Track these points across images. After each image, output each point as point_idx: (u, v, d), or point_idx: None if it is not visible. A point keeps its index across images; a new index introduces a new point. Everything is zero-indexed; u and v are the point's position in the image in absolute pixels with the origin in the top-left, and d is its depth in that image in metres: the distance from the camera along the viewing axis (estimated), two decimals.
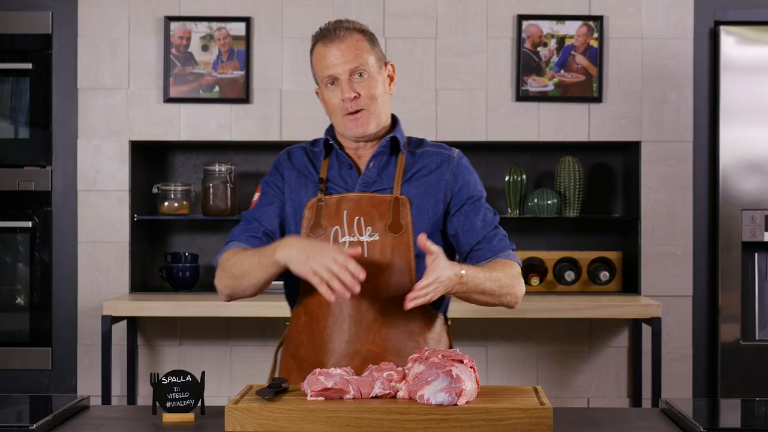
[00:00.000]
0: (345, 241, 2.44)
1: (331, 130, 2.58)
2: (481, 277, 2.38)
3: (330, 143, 2.55)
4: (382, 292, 2.44)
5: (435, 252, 2.27)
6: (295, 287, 2.53)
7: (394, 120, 2.59)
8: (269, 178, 2.58)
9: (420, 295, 2.25)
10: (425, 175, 2.52)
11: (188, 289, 4.36)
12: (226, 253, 2.49)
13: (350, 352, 2.42)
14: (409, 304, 2.25)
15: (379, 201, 2.47)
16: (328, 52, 2.47)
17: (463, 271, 2.32)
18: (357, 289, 2.23)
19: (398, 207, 2.47)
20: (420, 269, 2.44)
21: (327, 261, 2.24)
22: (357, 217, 2.46)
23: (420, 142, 2.60)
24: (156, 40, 4.26)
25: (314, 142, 2.61)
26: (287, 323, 2.59)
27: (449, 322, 2.60)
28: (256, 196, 2.59)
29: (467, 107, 4.26)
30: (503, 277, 2.44)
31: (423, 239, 2.27)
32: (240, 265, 2.43)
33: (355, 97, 2.45)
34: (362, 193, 2.49)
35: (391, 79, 2.56)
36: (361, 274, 2.23)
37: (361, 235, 2.45)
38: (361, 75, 2.46)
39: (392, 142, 2.53)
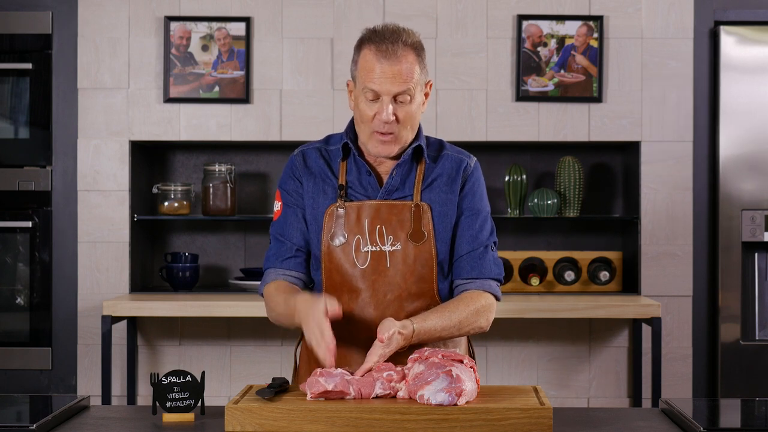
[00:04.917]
0: (367, 251, 2.42)
1: (350, 130, 2.49)
2: (437, 328, 2.37)
3: (348, 146, 2.47)
4: (405, 302, 2.42)
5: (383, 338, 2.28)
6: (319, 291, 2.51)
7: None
8: (287, 185, 2.51)
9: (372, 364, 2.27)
10: (446, 182, 2.47)
11: (188, 289, 4.36)
12: (268, 287, 2.47)
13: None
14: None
15: (400, 209, 2.43)
16: (378, 66, 2.34)
17: (414, 326, 2.32)
18: (328, 363, 2.22)
19: (419, 214, 2.43)
20: (442, 276, 2.45)
21: (312, 330, 2.25)
22: (378, 226, 2.42)
23: (440, 146, 2.53)
24: (156, 40, 4.26)
25: (328, 140, 2.54)
26: None
27: None
28: (278, 205, 2.52)
29: (467, 107, 4.26)
30: (465, 317, 2.42)
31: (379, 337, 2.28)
32: (278, 308, 2.42)
33: (392, 120, 2.37)
34: (382, 200, 2.44)
35: (426, 96, 2.46)
36: (330, 358, 2.21)
37: (383, 244, 2.41)
38: (403, 98, 2.37)
39: (415, 150, 2.47)
